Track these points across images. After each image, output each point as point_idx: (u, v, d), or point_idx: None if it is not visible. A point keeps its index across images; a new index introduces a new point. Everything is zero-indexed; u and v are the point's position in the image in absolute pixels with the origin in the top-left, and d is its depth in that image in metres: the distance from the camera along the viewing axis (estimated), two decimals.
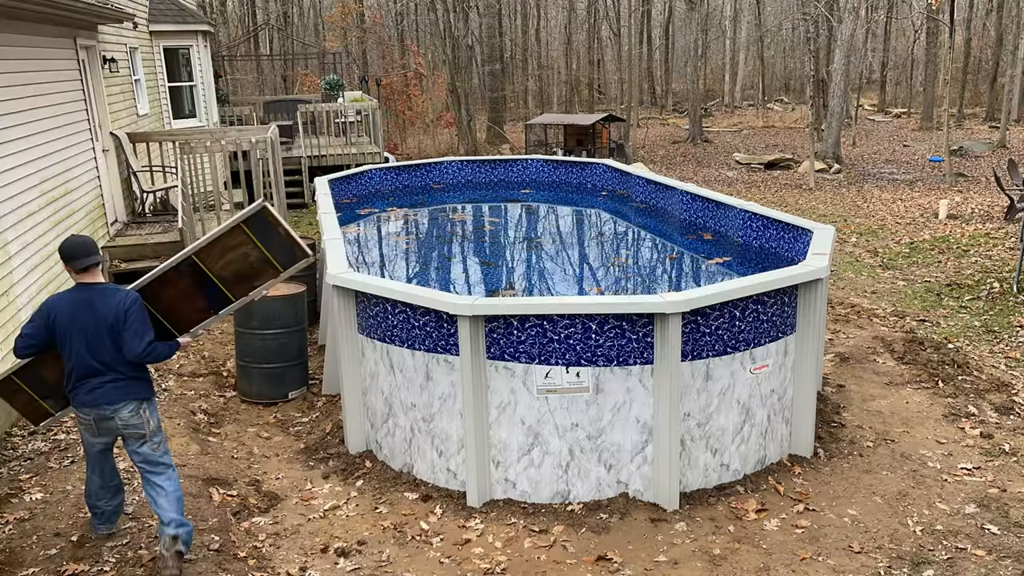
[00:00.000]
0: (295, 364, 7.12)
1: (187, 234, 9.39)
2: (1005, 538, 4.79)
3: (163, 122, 14.14)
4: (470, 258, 7.41)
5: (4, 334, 6.41)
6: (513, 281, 6.57)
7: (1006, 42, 34.85)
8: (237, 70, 35.30)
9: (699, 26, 36.63)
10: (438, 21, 30.11)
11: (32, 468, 5.67)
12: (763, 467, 5.65)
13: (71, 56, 9.10)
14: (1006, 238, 12.42)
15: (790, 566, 4.61)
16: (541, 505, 5.27)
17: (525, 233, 8.23)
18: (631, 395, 5.11)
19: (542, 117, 28.82)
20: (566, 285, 6.41)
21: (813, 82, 27.14)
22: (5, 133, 6.92)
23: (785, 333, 5.53)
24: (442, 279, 6.58)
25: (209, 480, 5.52)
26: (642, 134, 31.95)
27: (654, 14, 48.20)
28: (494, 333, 5.06)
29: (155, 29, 13.91)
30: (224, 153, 11.63)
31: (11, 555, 4.63)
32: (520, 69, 43.44)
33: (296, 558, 4.82)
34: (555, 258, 7.18)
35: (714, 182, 22.25)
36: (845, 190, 20.59)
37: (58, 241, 7.85)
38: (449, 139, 29.21)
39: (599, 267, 6.91)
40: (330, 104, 19.74)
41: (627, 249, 7.60)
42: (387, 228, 8.48)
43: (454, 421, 5.32)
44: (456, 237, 8.13)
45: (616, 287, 6.33)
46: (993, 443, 5.93)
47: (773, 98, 48.42)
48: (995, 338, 8.21)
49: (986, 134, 31.25)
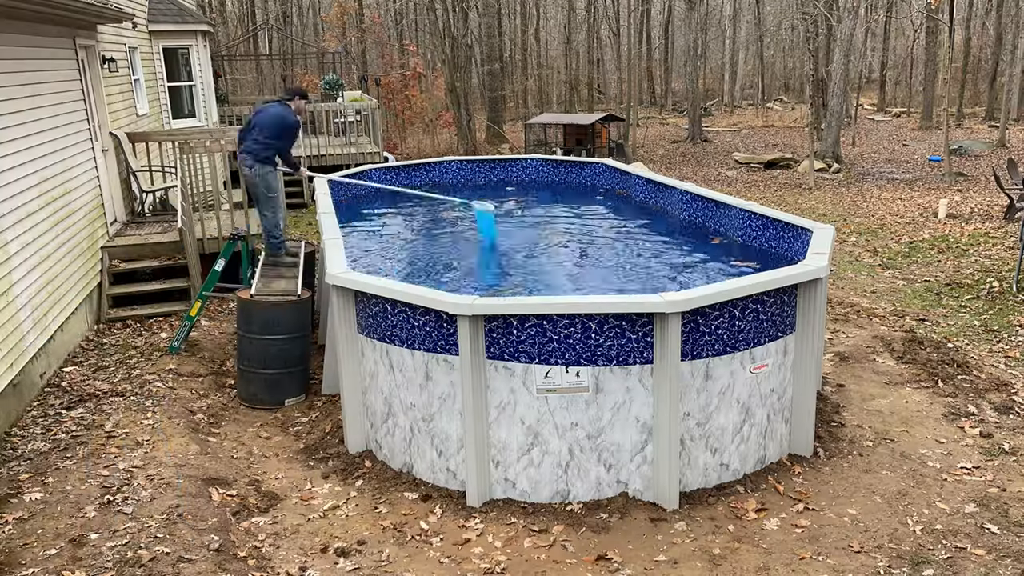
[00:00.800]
0: (294, 371, 7.06)
1: (187, 234, 9.39)
2: (1005, 537, 4.79)
3: (162, 122, 14.13)
4: (470, 257, 7.41)
5: (4, 334, 6.41)
6: (513, 281, 6.57)
7: (1005, 41, 34.87)
8: (236, 70, 35.30)
9: (698, 25, 36.63)
10: (437, 21, 30.10)
11: (32, 468, 5.67)
12: (763, 467, 5.65)
13: (70, 56, 9.09)
14: (1006, 237, 12.43)
15: (790, 566, 4.61)
16: (541, 505, 5.27)
17: (525, 232, 8.22)
18: (631, 395, 5.11)
19: (541, 117, 28.82)
20: (566, 285, 6.41)
21: (812, 81, 27.15)
22: (4, 133, 6.91)
23: (785, 333, 5.53)
24: (441, 279, 6.58)
25: (209, 480, 5.52)
26: (641, 133, 31.95)
27: (653, 13, 48.21)
28: (494, 333, 5.06)
29: (154, 29, 13.90)
30: (224, 153, 11.62)
31: (11, 555, 4.63)
32: (519, 69, 43.43)
33: (296, 558, 4.82)
34: (554, 257, 7.17)
35: (713, 181, 22.26)
36: (845, 189, 20.60)
37: (57, 241, 7.87)
38: (448, 139, 29.21)
39: (599, 266, 6.90)
40: (329, 104, 19.73)
41: (627, 249, 7.60)
42: (387, 228, 8.48)
43: (454, 421, 5.32)
44: (456, 236, 8.12)
45: (617, 287, 6.32)
46: (993, 442, 5.93)
47: (773, 97, 48.46)
48: (995, 337, 8.22)
49: (985, 133, 31.26)
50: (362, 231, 8.32)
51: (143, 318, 9.05)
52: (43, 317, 7.30)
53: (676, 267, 6.72)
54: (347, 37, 33.27)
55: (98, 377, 7.41)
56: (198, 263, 9.49)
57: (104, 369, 7.63)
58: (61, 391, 7.06)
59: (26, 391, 6.74)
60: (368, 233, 8.24)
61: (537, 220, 8.74)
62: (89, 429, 6.25)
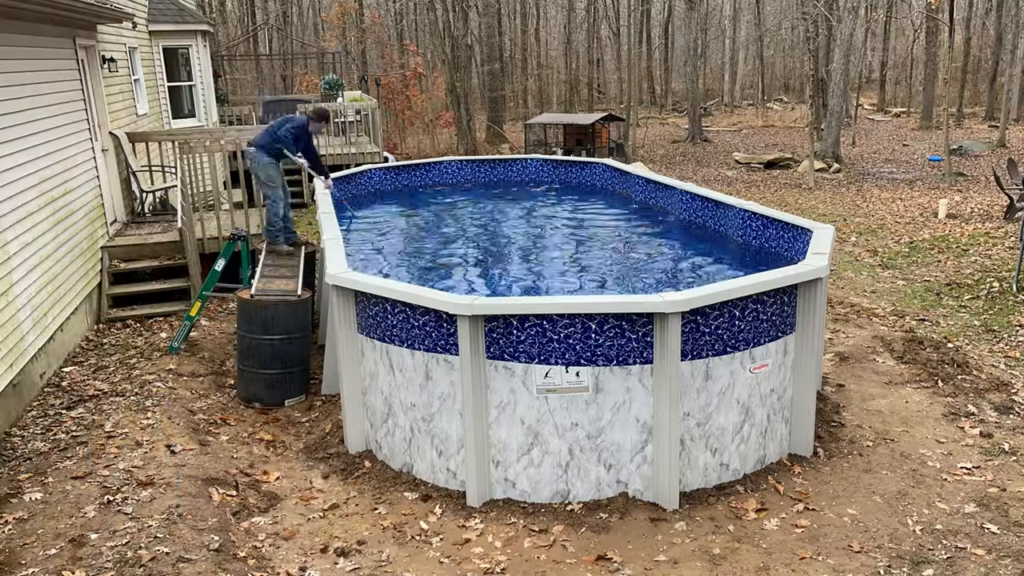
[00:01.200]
0: (294, 371, 7.05)
1: (186, 234, 9.39)
2: (1005, 537, 4.79)
3: (162, 122, 14.13)
4: (470, 257, 7.40)
5: (4, 334, 6.41)
6: (508, 278, 6.57)
7: (1005, 41, 34.86)
8: (236, 70, 35.30)
9: (698, 25, 36.63)
10: (437, 21, 30.11)
11: (32, 468, 5.66)
12: (763, 467, 5.65)
13: (70, 56, 9.09)
14: (1006, 237, 12.42)
15: (790, 565, 4.61)
16: (541, 505, 5.27)
17: (524, 231, 8.22)
18: (631, 395, 5.10)
19: (541, 117, 28.82)
20: (565, 283, 6.41)
21: (812, 81, 27.15)
22: (4, 133, 6.91)
23: (785, 332, 5.53)
24: (441, 278, 6.58)
25: (209, 480, 5.52)
26: (641, 133, 31.95)
27: (653, 13, 48.21)
28: (494, 333, 5.06)
29: (154, 29, 13.90)
30: (223, 153, 11.62)
31: (11, 555, 4.63)
32: (519, 69, 43.44)
33: (296, 558, 4.82)
34: (555, 256, 7.17)
35: (713, 181, 22.26)
36: (844, 189, 20.60)
37: (57, 241, 7.87)
38: (448, 139, 29.21)
39: (598, 266, 6.90)
40: (329, 104, 19.70)
41: (626, 248, 7.60)
42: (386, 227, 8.47)
43: (454, 421, 5.32)
44: (455, 236, 8.12)
45: (616, 286, 6.32)
46: (993, 442, 5.93)
47: (773, 97, 48.45)
48: (995, 337, 8.22)
49: (985, 133, 31.25)
50: (361, 231, 8.32)
51: (143, 318, 9.05)
52: (43, 317, 7.30)
53: (676, 266, 6.72)
54: (347, 37, 33.27)
55: (98, 377, 7.41)
56: (198, 263, 9.50)
57: (104, 369, 7.63)
58: (61, 391, 7.07)
59: (26, 391, 6.74)
60: (367, 232, 8.24)
61: (535, 219, 8.75)
62: (89, 429, 6.25)
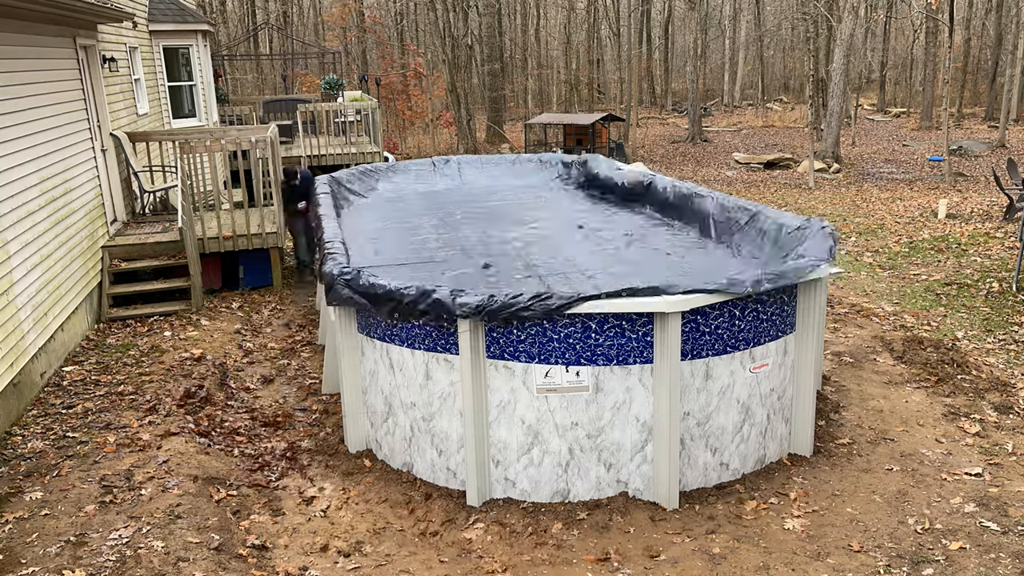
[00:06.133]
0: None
1: (187, 233, 9.39)
2: (1005, 537, 4.80)
3: (163, 122, 14.13)
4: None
5: (4, 334, 6.41)
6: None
7: (1005, 42, 34.89)
8: (237, 70, 35.32)
9: (698, 26, 36.64)
10: (438, 20, 30.12)
11: (32, 468, 5.67)
12: (763, 466, 5.65)
13: (71, 56, 9.09)
14: (1005, 237, 12.43)
15: (790, 565, 4.62)
16: (541, 504, 5.28)
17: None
18: (631, 394, 5.11)
19: (542, 117, 28.83)
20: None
21: (812, 82, 27.16)
22: (5, 133, 6.91)
23: (785, 332, 5.54)
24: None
25: (209, 479, 5.53)
26: (641, 133, 31.95)
27: (653, 14, 48.23)
28: (494, 332, 5.06)
29: (155, 28, 13.90)
30: (224, 152, 11.61)
31: (11, 555, 4.63)
32: (520, 69, 43.47)
33: (296, 557, 4.83)
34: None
35: (713, 181, 22.26)
36: (844, 189, 20.60)
37: (58, 241, 7.87)
38: (449, 139, 29.23)
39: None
40: (330, 104, 19.71)
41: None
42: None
43: (454, 420, 5.33)
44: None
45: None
46: (992, 442, 5.93)
47: (772, 97, 48.45)
48: (995, 337, 8.22)
49: (985, 133, 31.26)
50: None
51: (143, 317, 9.05)
52: (43, 316, 7.30)
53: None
54: (347, 37, 33.29)
55: (98, 377, 7.41)
56: (198, 263, 9.50)
57: (104, 369, 7.63)
58: (61, 390, 7.07)
59: (26, 390, 6.74)
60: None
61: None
62: (89, 428, 6.25)
